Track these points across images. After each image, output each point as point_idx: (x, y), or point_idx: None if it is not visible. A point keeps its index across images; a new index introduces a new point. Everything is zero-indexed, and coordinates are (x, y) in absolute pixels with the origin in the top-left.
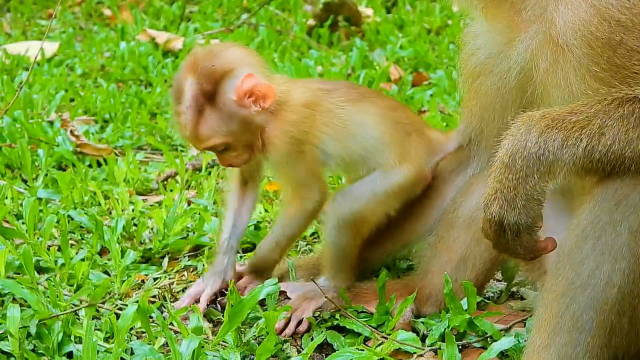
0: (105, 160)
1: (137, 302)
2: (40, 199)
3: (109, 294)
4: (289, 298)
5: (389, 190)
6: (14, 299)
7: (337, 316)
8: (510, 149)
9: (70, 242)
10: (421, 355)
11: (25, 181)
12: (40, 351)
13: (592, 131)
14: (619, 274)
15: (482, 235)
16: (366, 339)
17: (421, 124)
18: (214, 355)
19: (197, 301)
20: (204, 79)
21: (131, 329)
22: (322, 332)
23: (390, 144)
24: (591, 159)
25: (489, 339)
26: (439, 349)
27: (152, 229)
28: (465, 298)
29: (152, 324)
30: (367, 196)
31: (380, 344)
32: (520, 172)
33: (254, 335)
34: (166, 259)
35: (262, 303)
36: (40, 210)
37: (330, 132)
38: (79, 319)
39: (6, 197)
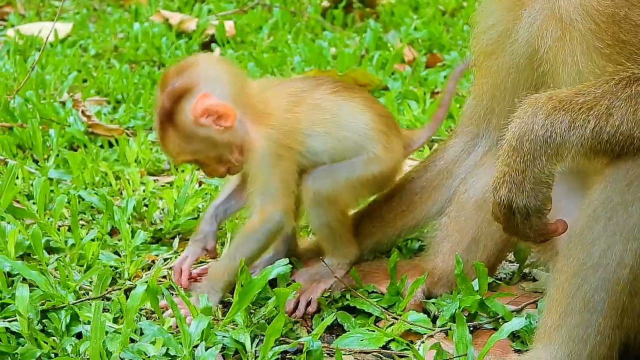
0: (116, 140)
1: (146, 282)
2: (51, 179)
3: (119, 274)
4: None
5: (364, 179)
6: (23, 279)
7: (348, 296)
8: (517, 132)
9: (81, 222)
10: (432, 336)
11: (36, 161)
12: (49, 331)
13: (599, 112)
14: (630, 255)
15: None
16: (377, 320)
17: (394, 120)
18: (223, 336)
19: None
20: (166, 97)
21: (141, 309)
22: (332, 312)
23: (378, 132)
24: (599, 140)
25: (500, 320)
26: (450, 329)
27: (162, 209)
28: (477, 279)
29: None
30: (341, 179)
31: (390, 325)
32: (528, 155)
33: (264, 315)
34: (177, 240)
35: (272, 285)
36: (51, 191)
37: (318, 129)
38: (89, 299)
39: (17, 177)
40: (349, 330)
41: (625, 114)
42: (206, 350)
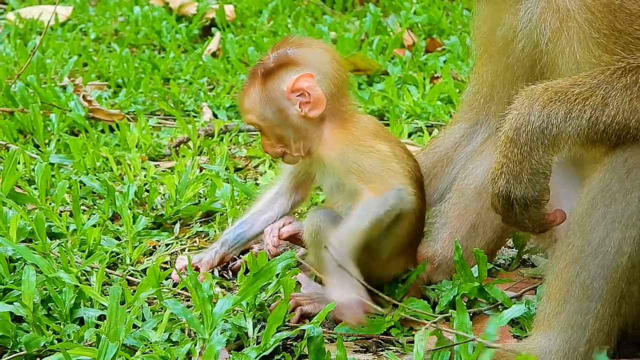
0: (117, 125)
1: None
2: (52, 164)
3: (120, 260)
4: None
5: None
6: (25, 264)
7: None
8: (514, 124)
9: (82, 207)
10: (434, 323)
11: (37, 146)
12: (54, 315)
13: (595, 102)
14: (629, 242)
15: None
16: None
17: None
18: (225, 321)
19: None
20: (275, 58)
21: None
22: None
23: None
24: (595, 130)
25: (499, 306)
26: (451, 316)
27: (163, 194)
28: (476, 265)
29: (164, 290)
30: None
31: (391, 312)
32: (525, 146)
33: (265, 301)
34: (178, 225)
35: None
36: (53, 176)
37: None
38: (90, 285)
39: (18, 162)
40: None
41: (621, 103)
42: (221, 333)
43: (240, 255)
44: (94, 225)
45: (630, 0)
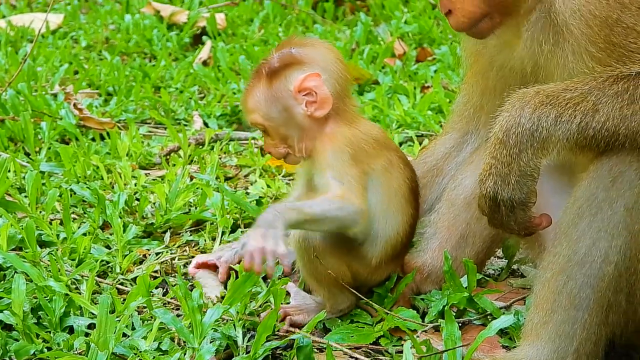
0: (108, 133)
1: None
2: (43, 173)
3: (110, 269)
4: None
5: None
6: (16, 272)
7: None
8: (504, 125)
9: (73, 216)
10: (425, 331)
11: (28, 154)
12: (44, 324)
13: (586, 108)
14: (615, 251)
15: None
16: (365, 316)
17: None
18: (214, 330)
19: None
20: (279, 58)
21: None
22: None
23: None
24: (585, 136)
25: (489, 316)
26: (440, 325)
27: (154, 203)
28: (466, 275)
29: (154, 299)
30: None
31: (380, 321)
32: (514, 148)
33: (254, 310)
34: (168, 234)
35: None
36: (43, 184)
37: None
38: (80, 294)
39: (9, 170)
40: (339, 326)
41: (611, 110)
42: (210, 342)
43: None
44: (84, 234)
45: (627, 13)
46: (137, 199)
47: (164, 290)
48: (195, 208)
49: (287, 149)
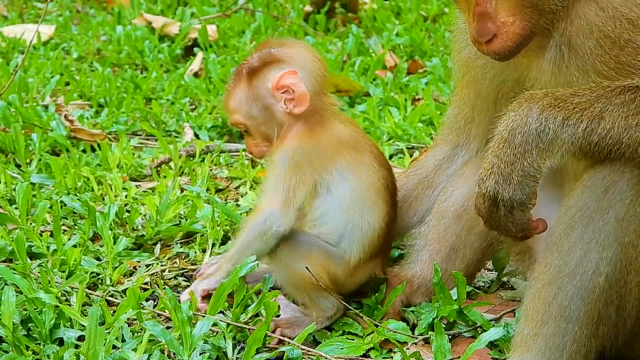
0: (99, 145)
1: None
2: (33, 184)
3: (100, 281)
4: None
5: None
6: (6, 284)
7: None
8: (510, 124)
9: (63, 227)
10: (415, 344)
11: (18, 166)
12: (34, 336)
13: (592, 114)
14: (605, 263)
15: (473, 225)
16: (356, 327)
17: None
18: (204, 341)
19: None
20: (259, 57)
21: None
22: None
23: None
24: (589, 141)
25: (478, 328)
26: (430, 338)
27: (144, 215)
28: (455, 288)
29: (144, 311)
30: (302, 249)
31: (370, 333)
32: (519, 147)
33: (244, 322)
34: (158, 246)
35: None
36: (34, 196)
37: (336, 186)
38: (70, 305)
39: None
40: (329, 339)
41: (616, 118)
42: (200, 354)
43: None
44: (75, 246)
45: (638, 34)
46: (128, 211)
47: (154, 302)
48: (186, 220)
49: (268, 147)
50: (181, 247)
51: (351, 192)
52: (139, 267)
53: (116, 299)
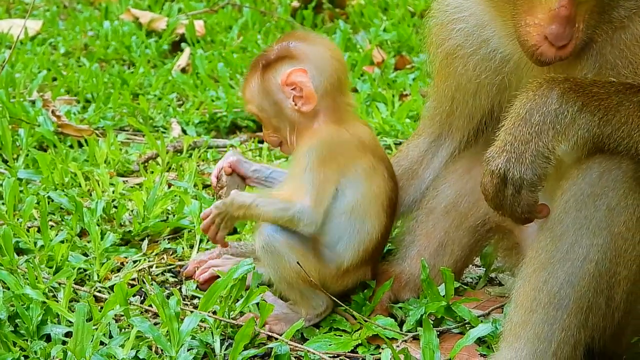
0: (86, 141)
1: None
2: (20, 180)
3: (88, 276)
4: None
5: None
6: None
7: None
8: (528, 104)
9: (50, 223)
10: (405, 341)
11: (5, 161)
12: (21, 332)
13: (609, 105)
14: (595, 250)
15: (462, 222)
16: (344, 324)
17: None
18: (192, 337)
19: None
20: (275, 51)
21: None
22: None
23: None
24: (602, 132)
25: (467, 325)
26: (418, 334)
27: (132, 211)
28: (443, 284)
29: (131, 307)
30: (296, 243)
31: (358, 329)
32: (536, 126)
33: (232, 317)
34: (146, 242)
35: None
36: (21, 191)
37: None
38: (57, 301)
39: None
40: (317, 335)
41: (631, 114)
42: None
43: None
44: (62, 241)
45: None
46: (115, 207)
47: (142, 298)
48: (173, 216)
49: (279, 138)
50: (169, 242)
51: (359, 198)
52: (127, 263)
53: (104, 294)
